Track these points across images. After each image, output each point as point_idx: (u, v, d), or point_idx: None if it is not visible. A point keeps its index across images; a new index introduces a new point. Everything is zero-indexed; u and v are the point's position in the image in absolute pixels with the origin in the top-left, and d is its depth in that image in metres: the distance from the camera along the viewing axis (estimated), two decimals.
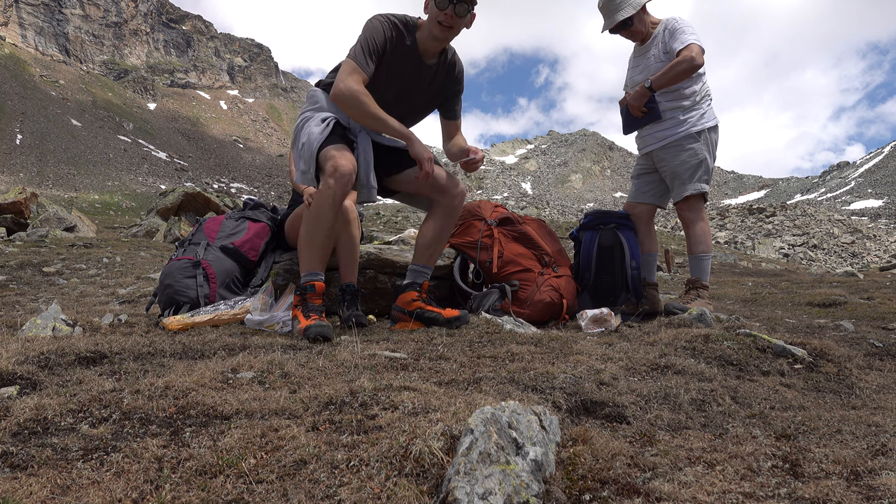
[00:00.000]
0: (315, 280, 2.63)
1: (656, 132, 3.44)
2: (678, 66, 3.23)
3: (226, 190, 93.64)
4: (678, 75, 3.25)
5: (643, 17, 3.44)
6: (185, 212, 13.58)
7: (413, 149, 2.65)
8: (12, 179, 79.50)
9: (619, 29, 3.46)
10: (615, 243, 3.40)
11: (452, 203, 2.83)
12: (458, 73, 2.92)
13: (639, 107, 3.41)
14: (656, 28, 3.45)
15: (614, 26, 3.44)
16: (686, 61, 3.21)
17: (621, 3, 3.38)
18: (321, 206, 2.58)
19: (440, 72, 2.85)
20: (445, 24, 2.63)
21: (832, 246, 32.45)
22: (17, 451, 1.14)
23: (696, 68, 3.24)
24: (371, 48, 2.65)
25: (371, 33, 2.67)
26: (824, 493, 1.08)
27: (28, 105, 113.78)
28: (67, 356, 1.89)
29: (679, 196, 3.43)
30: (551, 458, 1.16)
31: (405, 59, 2.73)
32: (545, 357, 2.08)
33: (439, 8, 2.62)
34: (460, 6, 2.61)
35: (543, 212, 52.50)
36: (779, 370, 2.14)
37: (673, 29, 3.34)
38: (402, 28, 2.71)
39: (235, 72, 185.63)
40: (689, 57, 3.21)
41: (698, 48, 3.24)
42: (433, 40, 2.70)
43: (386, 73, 2.72)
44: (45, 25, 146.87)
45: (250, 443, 1.18)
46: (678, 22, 3.35)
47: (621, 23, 3.41)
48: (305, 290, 2.60)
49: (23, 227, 11.62)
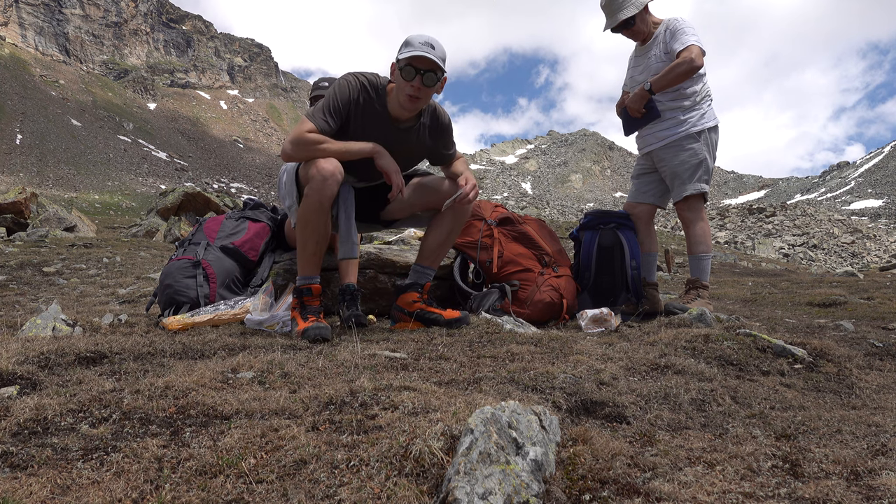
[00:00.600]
0: (311, 283, 2.64)
1: (656, 132, 3.44)
2: (678, 67, 3.23)
3: (226, 190, 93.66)
4: (678, 77, 3.26)
5: (645, 17, 3.44)
6: (185, 212, 13.58)
7: (379, 163, 2.55)
8: (12, 179, 79.49)
9: (621, 28, 3.46)
10: (615, 243, 3.40)
11: (463, 207, 2.79)
12: (441, 130, 2.79)
13: (637, 108, 3.42)
14: (658, 28, 3.45)
15: (616, 25, 3.43)
16: (685, 63, 3.21)
17: (624, 3, 3.38)
18: (307, 211, 2.54)
19: (421, 133, 2.73)
20: (413, 94, 2.50)
21: (832, 246, 32.45)
22: (17, 451, 1.14)
23: (696, 70, 3.24)
24: (333, 107, 2.54)
25: (336, 91, 2.56)
26: (824, 493, 1.08)
27: (28, 105, 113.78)
28: (67, 356, 1.89)
29: (679, 196, 3.44)
30: (551, 458, 1.16)
31: (376, 122, 2.63)
32: (545, 357, 2.08)
33: (406, 79, 2.48)
34: (428, 76, 2.47)
35: (543, 212, 52.52)
36: (779, 370, 2.14)
37: (674, 29, 3.34)
38: (371, 92, 2.59)
39: (235, 72, 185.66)
40: (688, 58, 3.21)
41: (698, 49, 3.24)
42: (402, 109, 2.57)
43: (361, 133, 2.61)
44: (45, 25, 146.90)
45: (250, 443, 1.18)
46: (679, 22, 3.35)
47: (623, 22, 3.40)
48: (302, 294, 2.62)
49: (23, 227, 11.62)
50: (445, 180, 2.84)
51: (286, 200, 2.74)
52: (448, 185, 2.80)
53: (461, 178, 2.78)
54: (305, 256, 2.63)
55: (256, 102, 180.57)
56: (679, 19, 3.38)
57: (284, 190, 2.80)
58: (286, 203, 2.76)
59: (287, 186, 2.75)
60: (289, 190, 2.73)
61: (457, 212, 2.80)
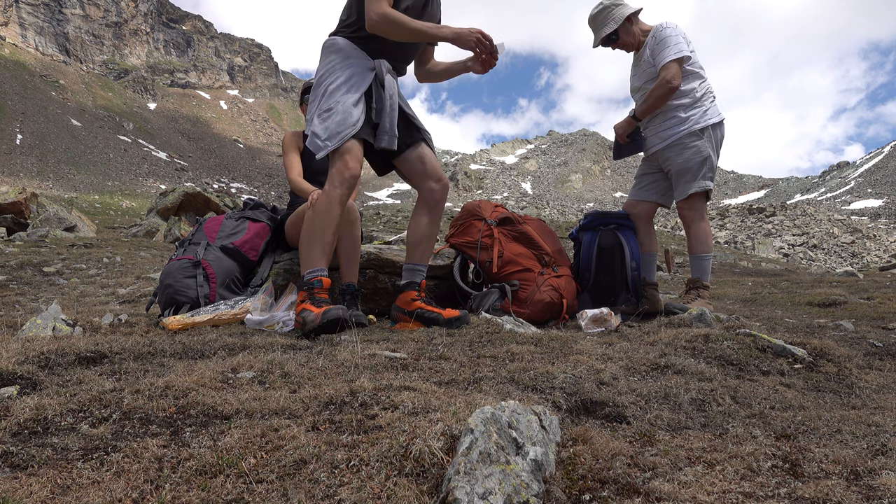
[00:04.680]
0: (321, 276, 2.62)
1: (660, 132, 3.45)
2: (656, 91, 3.34)
3: (226, 190, 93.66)
4: (657, 101, 3.35)
5: (630, 29, 3.49)
6: (185, 212, 13.58)
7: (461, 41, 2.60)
8: (12, 179, 79.49)
9: (608, 43, 3.54)
10: (615, 244, 3.40)
11: (433, 197, 2.82)
12: None
13: (623, 135, 3.54)
14: (648, 35, 3.48)
15: (602, 41, 3.52)
16: (661, 86, 3.31)
17: (605, 19, 3.46)
18: (330, 204, 2.58)
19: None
20: None
21: (832, 246, 32.43)
22: (17, 451, 1.14)
23: (674, 90, 3.32)
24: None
25: None
26: (824, 493, 1.08)
27: (28, 105, 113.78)
28: (67, 356, 1.89)
29: (683, 194, 3.44)
30: (551, 458, 1.16)
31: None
32: (545, 357, 2.08)
33: None
34: None
35: (543, 212, 52.53)
36: (779, 370, 2.14)
37: (658, 39, 3.40)
38: None
39: (235, 72, 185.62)
40: (664, 80, 3.30)
41: (675, 68, 3.30)
42: None
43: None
44: (45, 25, 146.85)
45: (250, 443, 1.18)
46: (663, 31, 3.39)
47: (607, 37, 3.48)
48: (312, 286, 2.58)
49: (23, 227, 11.62)
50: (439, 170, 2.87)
51: (320, 130, 2.61)
52: (432, 168, 2.83)
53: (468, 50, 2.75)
54: (315, 248, 2.63)
55: (256, 102, 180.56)
56: (664, 27, 3.41)
57: (328, 126, 2.63)
58: (319, 132, 2.62)
59: (333, 128, 2.62)
60: (332, 134, 2.61)
61: (430, 203, 2.83)
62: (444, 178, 2.86)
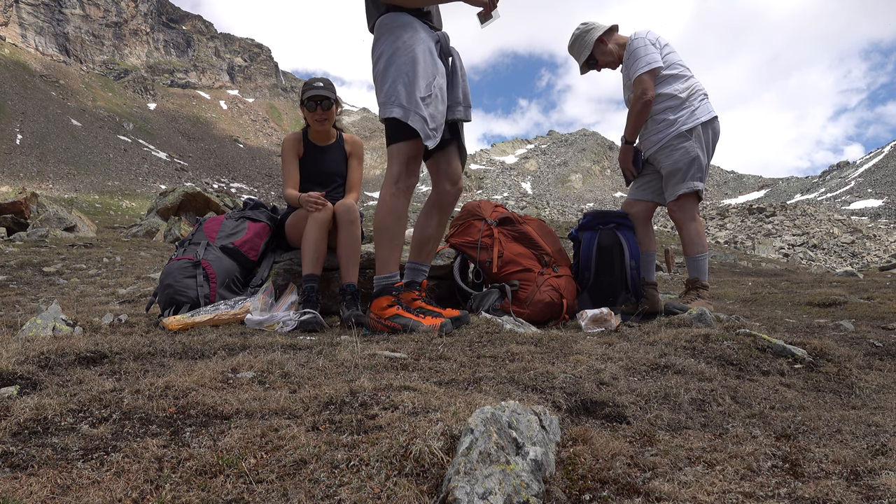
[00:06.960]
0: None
1: (651, 136, 3.47)
2: (633, 109, 3.41)
3: (226, 190, 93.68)
4: (637, 116, 3.42)
5: (605, 48, 3.55)
6: (185, 212, 13.57)
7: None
8: (12, 179, 79.49)
9: (590, 67, 3.64)
10: (614, 243, 3.40)
11: (446, 198, 2.82)
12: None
13: (628, 166, 3.61)
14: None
15: (583, 68, 3.64)
16: (636, 103, 3.38)
17: (580, 47, 3.58)
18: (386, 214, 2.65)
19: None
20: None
21: (832, 246, 32.43)
22: (17, 451, 1.14)
23: (649, 103, 3.37)
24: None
25: None
26: (824, 493, 1.08)
27: (28, 105, 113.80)
28: (67, 356, 1.89)
29: (673, 195, 3.44)
30: (551, 458, 1.16)
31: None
32: (545, 357, 2.08)
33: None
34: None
35: (543, 212, 52.49)
36: (779, 370, 2.14)
37: (629, 53, 3.45)
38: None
39: (235, 72, 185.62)
40: (636, 97, 3.37)
41: (647, 80, 3.35)
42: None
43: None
44: (45, 25, 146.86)
45: (250, 443, 1.18)
46: (632, 44, 3.44)
47: (586, 63, 3.59)
48: (400, 292, 2.66)
49: (23, 227, 11.62)
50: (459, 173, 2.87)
51: (425, 110, 2.51)
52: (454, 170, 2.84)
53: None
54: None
55: (256, 102, 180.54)
56: (632, 39, 3.45)
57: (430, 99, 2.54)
58: (429, 126, 2.52)
59: (438, 93, 2.57)
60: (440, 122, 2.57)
61: (442, 204, 2.83)
62: (461, 182, 2.85)
